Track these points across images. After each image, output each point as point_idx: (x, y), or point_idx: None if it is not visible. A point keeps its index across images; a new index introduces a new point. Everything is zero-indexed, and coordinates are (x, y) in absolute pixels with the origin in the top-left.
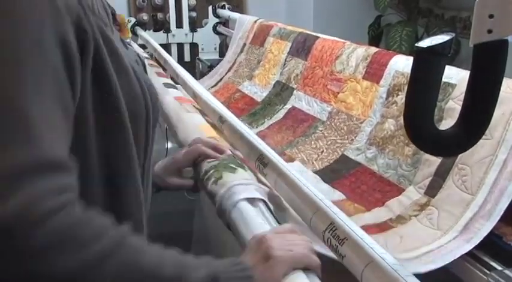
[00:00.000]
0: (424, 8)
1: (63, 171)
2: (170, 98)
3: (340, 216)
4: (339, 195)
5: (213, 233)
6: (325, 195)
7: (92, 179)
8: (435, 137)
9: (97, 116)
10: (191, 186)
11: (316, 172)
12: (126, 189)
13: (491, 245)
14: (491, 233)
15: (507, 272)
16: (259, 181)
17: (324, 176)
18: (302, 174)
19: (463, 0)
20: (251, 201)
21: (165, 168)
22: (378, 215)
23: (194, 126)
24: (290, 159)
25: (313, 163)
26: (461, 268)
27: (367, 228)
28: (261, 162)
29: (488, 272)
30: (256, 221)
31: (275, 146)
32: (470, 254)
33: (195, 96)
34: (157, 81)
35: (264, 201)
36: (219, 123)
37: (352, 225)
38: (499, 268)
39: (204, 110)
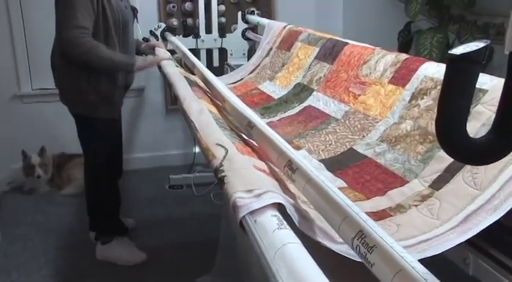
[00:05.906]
0: (456, 15)
1: (86, 30)
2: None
3: (369, 224)
4: (340, 183)
5: (239, 238)
6: None
7: (99, 39)
8: (467, 144)
9: (102, 22)
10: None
11: (321, 160)
12: (110, 47)
13: None
14: None
15: None
16: (286, 188)
17: (328, 165)
18: (306, 161)
19: (497, 6)
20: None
21: (146, 47)
22: (378, 203)
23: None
24: (297, 148)
25: (319, 153)
26: (484, 273)
27: None
28: (290, 168)
29: None
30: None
31: (283, 135)
32: (494, 259)
33: (223, 100)
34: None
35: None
36: (247, 128)
37: (381, 232)
38: None
39: (233, 114)
